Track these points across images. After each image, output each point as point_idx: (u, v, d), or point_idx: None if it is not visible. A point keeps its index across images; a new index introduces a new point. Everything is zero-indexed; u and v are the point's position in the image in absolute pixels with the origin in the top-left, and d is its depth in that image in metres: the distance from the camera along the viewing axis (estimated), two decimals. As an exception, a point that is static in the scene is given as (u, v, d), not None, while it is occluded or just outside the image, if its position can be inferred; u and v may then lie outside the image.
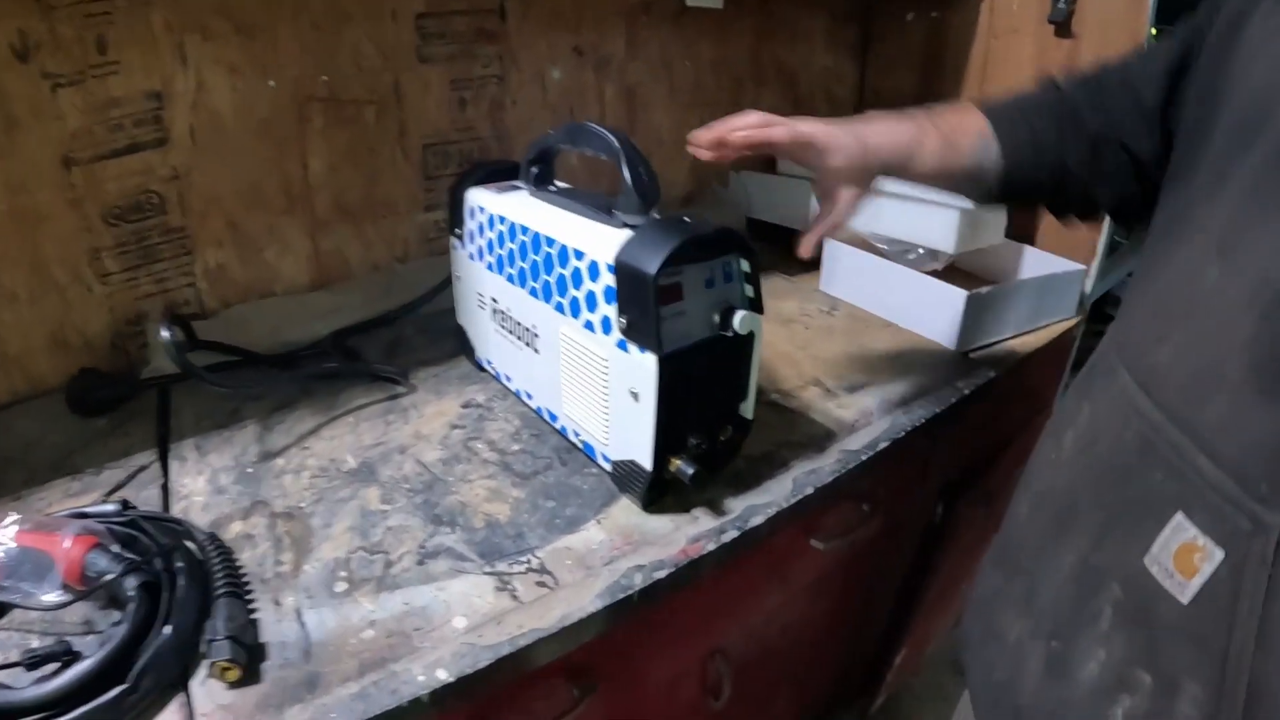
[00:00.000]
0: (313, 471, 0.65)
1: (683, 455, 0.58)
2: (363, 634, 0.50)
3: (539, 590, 0.54)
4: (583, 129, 0.62)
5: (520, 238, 0.66)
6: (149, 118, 0.73)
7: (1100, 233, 1.00)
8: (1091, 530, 0.41)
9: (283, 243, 0.83)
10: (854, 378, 0.82)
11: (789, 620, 0.86)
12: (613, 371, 0.58)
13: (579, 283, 0.60)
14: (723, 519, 0.61)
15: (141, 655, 0.47)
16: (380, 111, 0.84)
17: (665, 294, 0.54)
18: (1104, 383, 0.43)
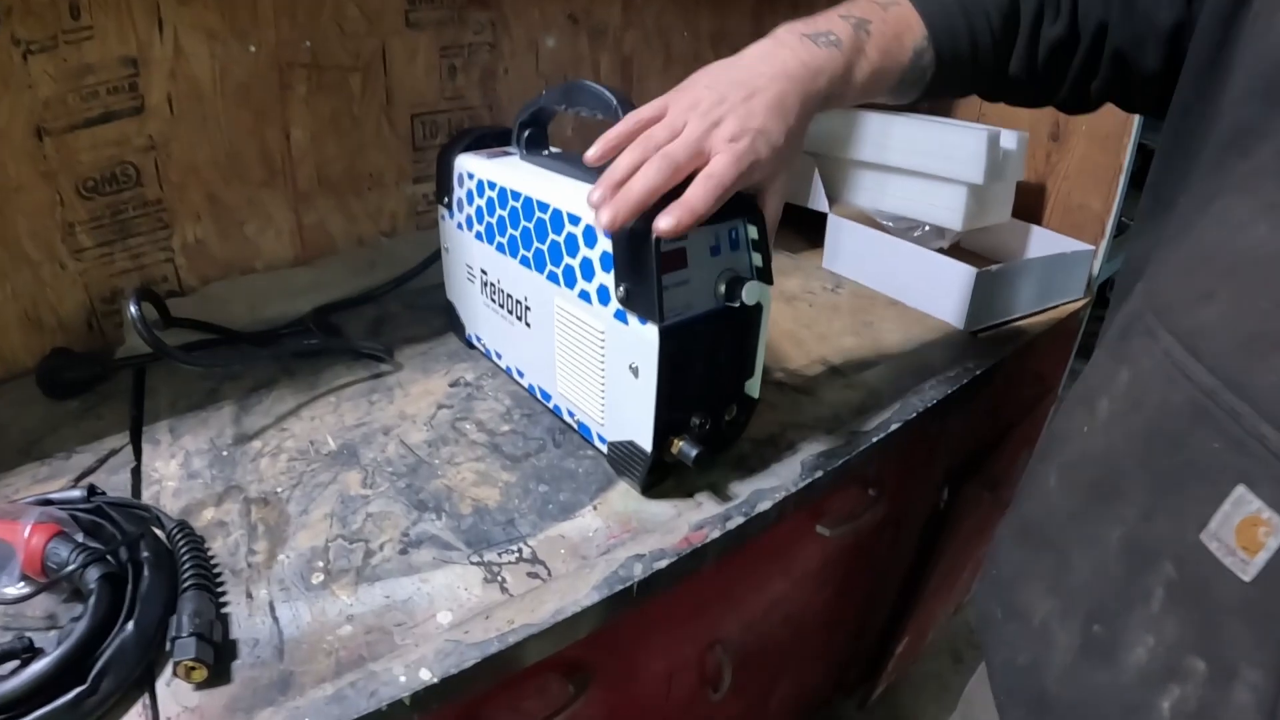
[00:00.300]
0: (291, 454, 0.60)
1: (685, 436, 0.53)
2: (340, 630, 0.46)
3: (530, 582, 0.49)
4: (579, 86, 0.57)
5: (510, 203, 0.60)
6: (124, 85, 0.68)
7: (1109, 213, 0.96)
8: (1139, 502, 0.37)
9: (264, 216, 0.78)
10: (861, 357, 0.77)
11: (790, 609, 0.82)
12: (610, 345, 0.53)
13: (573, 250, 0.54)
14: (728, 504, 0.56)
15: (102, 654, 0.42)
16: (366, 79, 0.78)
17: (668, 260, 0.48)
18: (1142, 344, 0.39)
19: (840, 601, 0.93)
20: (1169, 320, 0.38)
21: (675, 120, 0.49)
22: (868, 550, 0.88)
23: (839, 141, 0.96)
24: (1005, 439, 1.01)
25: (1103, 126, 0.94)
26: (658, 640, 0.64)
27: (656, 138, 0.48)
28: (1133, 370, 0.40)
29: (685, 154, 0.47)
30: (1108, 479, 0.40)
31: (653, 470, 0.55)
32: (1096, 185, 0.96)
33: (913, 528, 0.94)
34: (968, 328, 0.83)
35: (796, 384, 0.72)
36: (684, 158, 0.47)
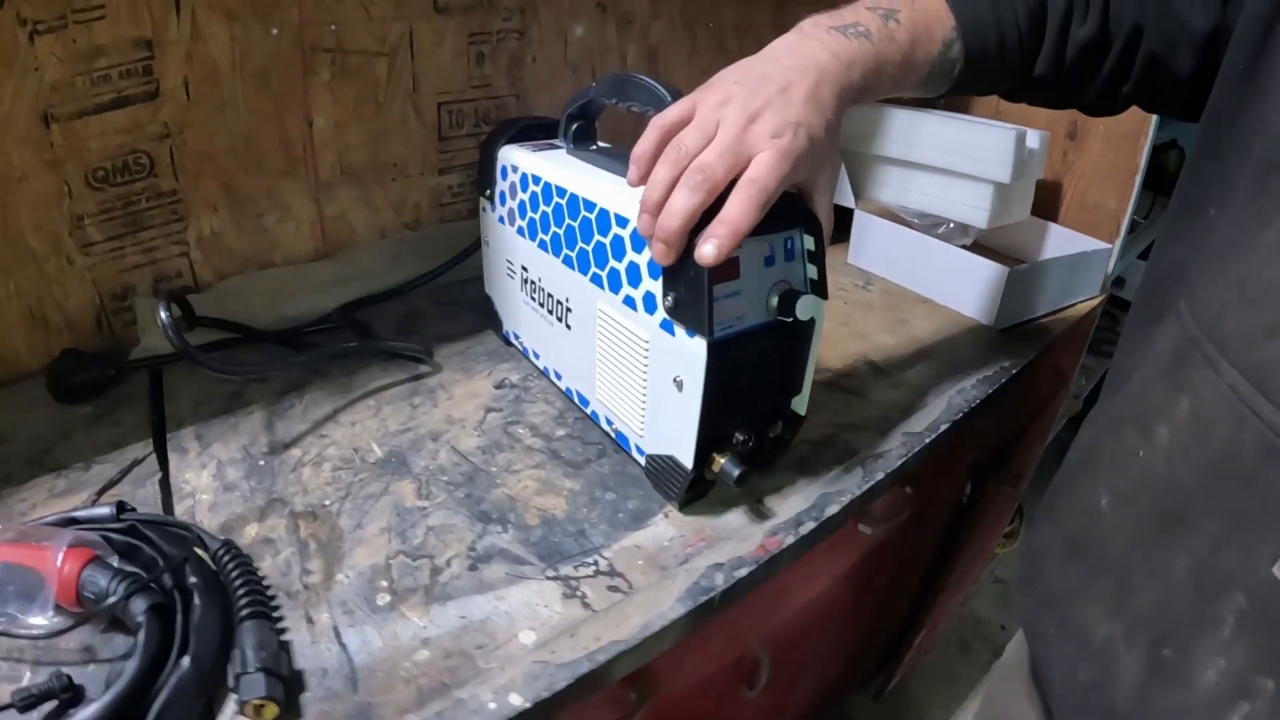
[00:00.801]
0: (334, 463, 0.55)
1: (728, 453, 0.50)
2: (416, 655, 0.42)
3: (611, 596, 0.46)
4: (629, 80, 0.53)
5: (555, 200, 0.56)
6: (138, 69, 0.62)
7: (1125, 212, 0.96)
8: (1208, 534, 0.37)
9: (283, 208, 0.72)
10: (901, 355, 0.75)
11: (822, 605, 0.80)
12: (654, 355, 0.50)
13: (620, 253, 0.51)
14: (797, 510, 0.54)
15: (157, 694, 0.38)
16: (392, 64, 0.73)
17: (719, 271, 0.45)
18: (1203, 375, 0.39)
19: (862, 595, 0.92)
20: (1232, 354, 0.37)
21: (706, 121, 0.45)
22: (895, 545, 0.87)
23: (865, 137, 0.94)
24: (1023, 433, 1.01)
25: (1120, 126, 0.93)
26: (713, 643, 0.62)
27: (688, 145, 0.45)
28: (1194, 402, 0.40)
29: (723, 165, 0.43)
30: (1173, 510, 0.40)
31: (691, 487, 0.51)
32: (1112, 184, 0.96)
33: (937, 522, 0.94)
34: (997, 325, 0.82)
35: (844, 384, 0.70)
36: (722, 170, 0.43)
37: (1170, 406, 0.41)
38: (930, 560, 0.99)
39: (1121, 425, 0.46)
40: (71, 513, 0.49)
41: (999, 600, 1.44)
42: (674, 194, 0.44)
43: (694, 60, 0.96)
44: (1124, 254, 0.99)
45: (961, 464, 0.88)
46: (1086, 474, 0.48)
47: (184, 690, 0.38)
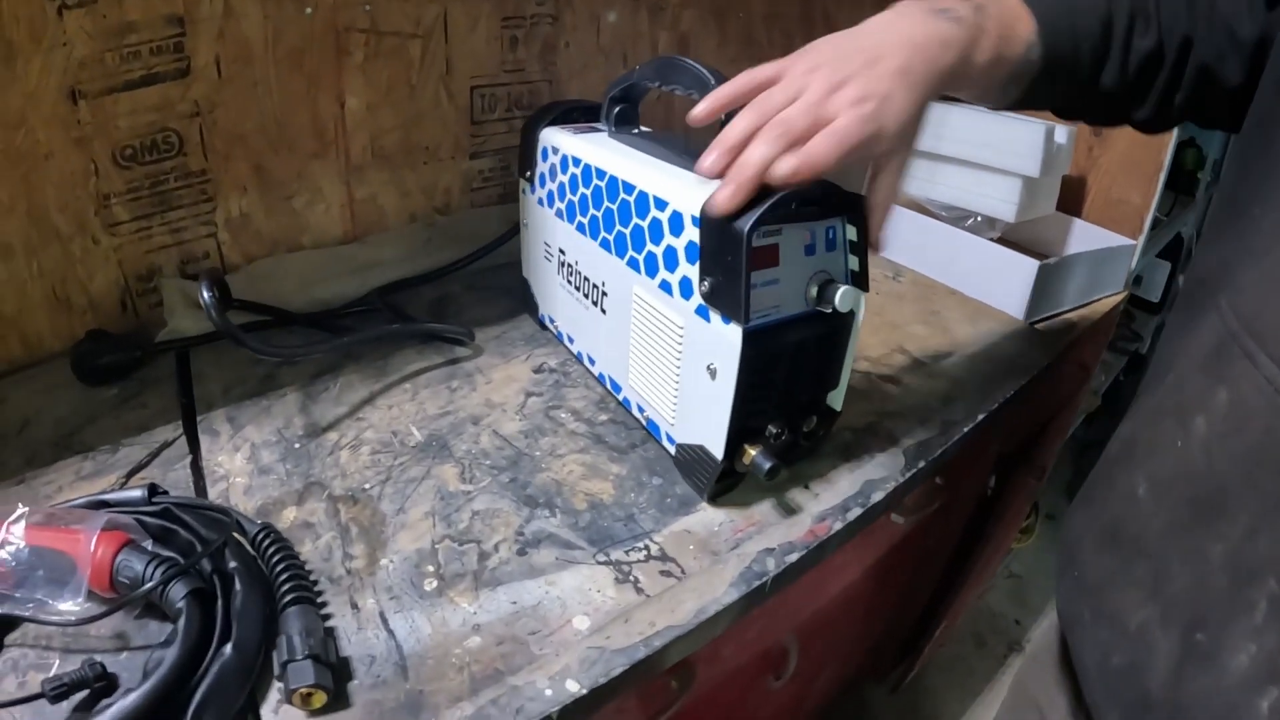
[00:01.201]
0: (373, 446, 0.53)
1: (759, 446, 0.48)
2: (467, 641, 0.40)
3: (665, 581, 0.44)
4: (673, 63, 0.51)
5: (595, 182, 0.55)
6: (168, 46, 0.60)
7: (1148, 208, 0.94)
8: (1243, 521, 0.37)
9: (313, 190, 0.70)
10: (936, 346, 0.74)
11: (849, 596, 0.79)
12: (688, 342, 0.48)
13: (658, 237, 0.49)
14: (844, 495, 0.52)
15: (201, 683, 0.36)
16: (426, 46, 0.71)
17: (759, 256, 0.43)
18: (1242, 368, 0.39)
19: (886, 586, 0.90)
20: (1271, 347, 0.37)
21: (793, 84, 0.44)
22: (920, 537, 0.85)
23: (891, 128, 0.92)
24: (1047, 427, 0.99)
25: None
26: (750, 632, 0.60)
27: (774, 100, 0.44)
28: (1233, 393, 0.40)
29: (804, 120, 0.42)
30: (1210, 498, 0.39)
31: (721, 479, 0.49)
32: (1136, 180, 0.94)
33: (961, 514, 0.92)
34: (1028, 319, 0.81)
35: (882, 372, 0.68)
36: (803, 124, 0.42)
37: (1209, 398, 0.41)
38: (952, 553, 0.98)
39: (1160, 417, 0.46)
40: (101, 495, 0.47)
41: (1013, 595, 1.42)
42: (753, 143, 0.43)
43: (723, 49, 0.94)
44: (1145, 252, 0.98)
45: (989, 456, 0.87)
46: (1125, 463, 0.48)
47: (227, 679, 0.36)
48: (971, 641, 1.31)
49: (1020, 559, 1.46)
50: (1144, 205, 0.93)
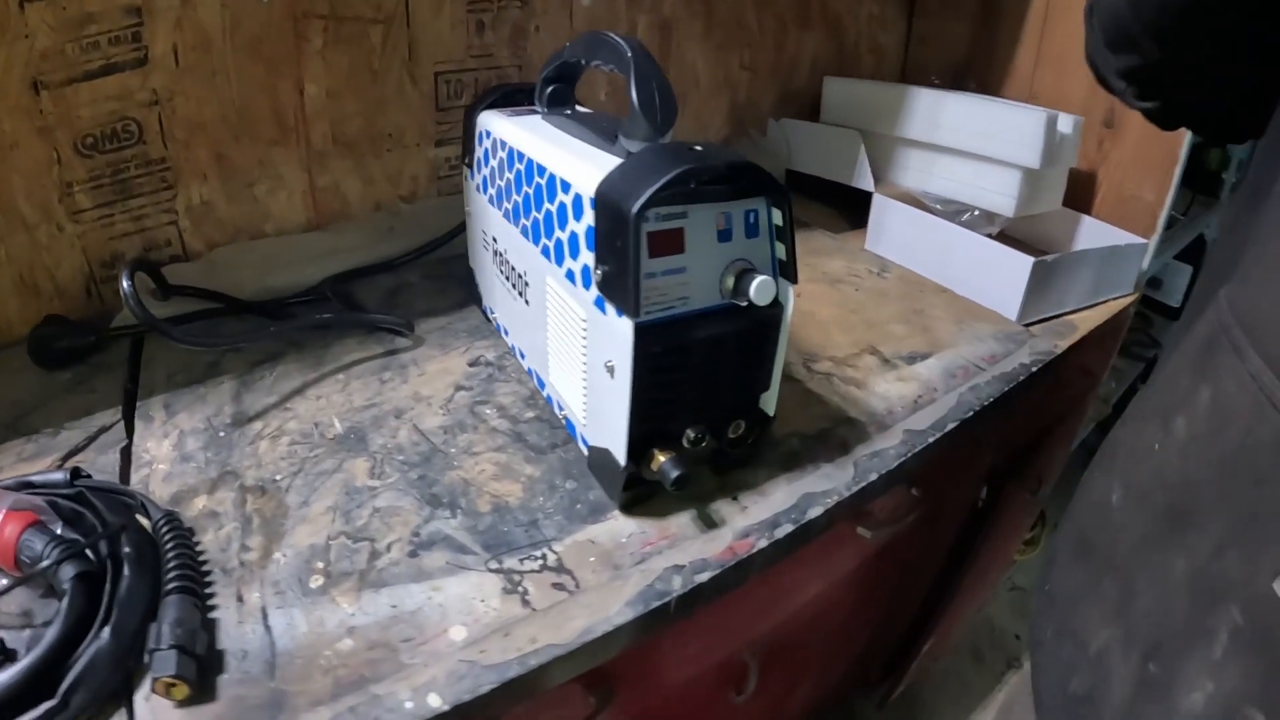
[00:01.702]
0: (293, 437, 0.52)
1: (670, 452, 0.43)
2: (339, 644, 0.38)
3: (555, 594, 0.41)
4: (597, 38, 0.47)
5: (517, 166, 0.51)
6: (127, 36, 0.59)
7: (1163, 206, 0.86)
8: (1212, 534, 0.33)
9: (274, 178, 0.69)
10: (913, 347, 0.68)
11: (819, 609, 0.74)
12: (591, 336, 0.44)
13: (564, 221, 0.45)
14: (775, 510, 0.48)
15: (74, 664, 0.35)
16: (387, 32, 0.69)
17: (657, 241, 0.39)
18: (1228, 363, 0.35)
19: (867, 599, 0.85)
20: (1259, 340, 0.33)
21: None
22: (901, 549, 0.80)
23: (887, 118, 0.86)
24: (1047, 436, 0.92)
25: None
26: (689, 648, 0.57)
27: None
28: (1215, 390, 0.36)
29: None
30: (1181, 505, 0.36)
31: (630, 486, 0.45)
32: (1150, 176, 0.86)
33: (949, 526, 0.86)
34: (1021, 320, 0.74)
35: (846, 375, 0.63)
36: None
37: (1192, 396, 0.37)
38: (942, 565, 0.92)
39: (1145, 418, 0.42)
40: (28, 477, 0.47)
41: (1016, 608, 1.34)
42: None
43: (710, 35, 0.90)
44: (1160, 252, 0.89)
45: (977, 466, 0.81)
46: (1104, 468, 0.44)
47: (100, 662, 0.36)
48: (969, 656, 1.24)
49: (1025, 571, 1.37)
50: (1158, 202, 0.85)
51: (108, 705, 0.35)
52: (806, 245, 0.88)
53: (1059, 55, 0.93)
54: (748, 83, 0.98)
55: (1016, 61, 0.96)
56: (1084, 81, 0.90)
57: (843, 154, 0.88)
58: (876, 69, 1.09)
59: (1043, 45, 0.94)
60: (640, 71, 0.41)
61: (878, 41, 1.08)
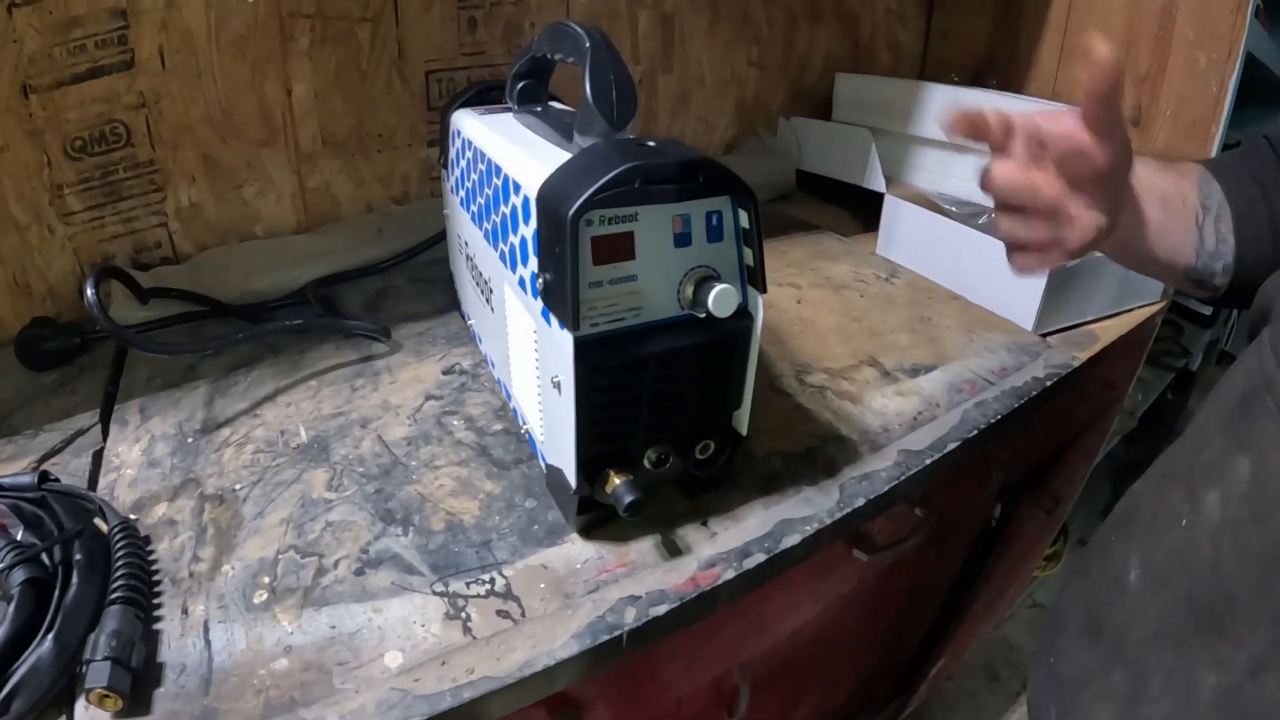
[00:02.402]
0: (258, 445, 0.51)
1: (626, 475, 0.40)
2: (275, 663, 0.36)
3: (499, 622, 0.39)
4: (558, 29, 0.44)
5: (479, 166, 0.48)
6: (113, 39, 0.59)
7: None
8: (1249, 649, 0.28)
9: (263, 179, 0.68)
10: (916, 358, 0.64)
11: (819, 630, 0.70)
12: (541, 349, 0.41)
13: (515, 225, 0.42)
14: (747, 537, 0.45)
15: (17, 670, 0.35)
16: (376, 30, 0.67)
17: (602, 247, 0.35)
18: (1269, 431, 0.30)
19: (871, 620, 0.81)
20: None
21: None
22: (909, 569, 0.76)
23: (901, 116, 0.82)
24: (1066, 452, 0.86)
25: (1189, 112, 0.78)
26: (666, 671, 0.54)
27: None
28: (1257, 464, 0.30)
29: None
30: (1211, 607, 0.31)
31: (585, 509, 0.42)
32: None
33: (960, 546, 0.81)
34: (1037, 330, 0.69)
35: (841, 388, 0.59)
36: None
37: (1228, 467, 0.32)
38: (955, 584, 0.87)
39: (1169, 481, 0.37)
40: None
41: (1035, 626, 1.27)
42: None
43: (715, 30, 0.86)
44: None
45: (988, 484, 0.76)
46: (1121, 535, 0.39)
47: (41, 669, 0.35)
48: (983, 675, 1.18)
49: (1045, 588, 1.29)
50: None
51: (49, 711, 0.35)
52: (814, 249, 0.84)
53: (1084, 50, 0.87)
54: (756, 80, 0.94)
55: (1039, 57, 0.91)
56: (1110, 78, 0.85)
57: (854, 153, 0.84)
58: (893, 67, 1.04)
59: (1067, 41, 0.88)
60: (596, 62, 0.38)
61: (895, 38, 1.03)
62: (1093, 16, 0.87)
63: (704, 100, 0.91)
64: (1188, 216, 0.42)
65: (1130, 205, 0.41)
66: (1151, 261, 0.44)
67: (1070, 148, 0.37)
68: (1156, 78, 0.82)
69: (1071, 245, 0.39)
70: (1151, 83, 0.82)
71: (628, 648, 0.39)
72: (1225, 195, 0.43)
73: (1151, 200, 0.42)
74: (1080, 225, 0.38)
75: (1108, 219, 0.39)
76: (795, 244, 0.84)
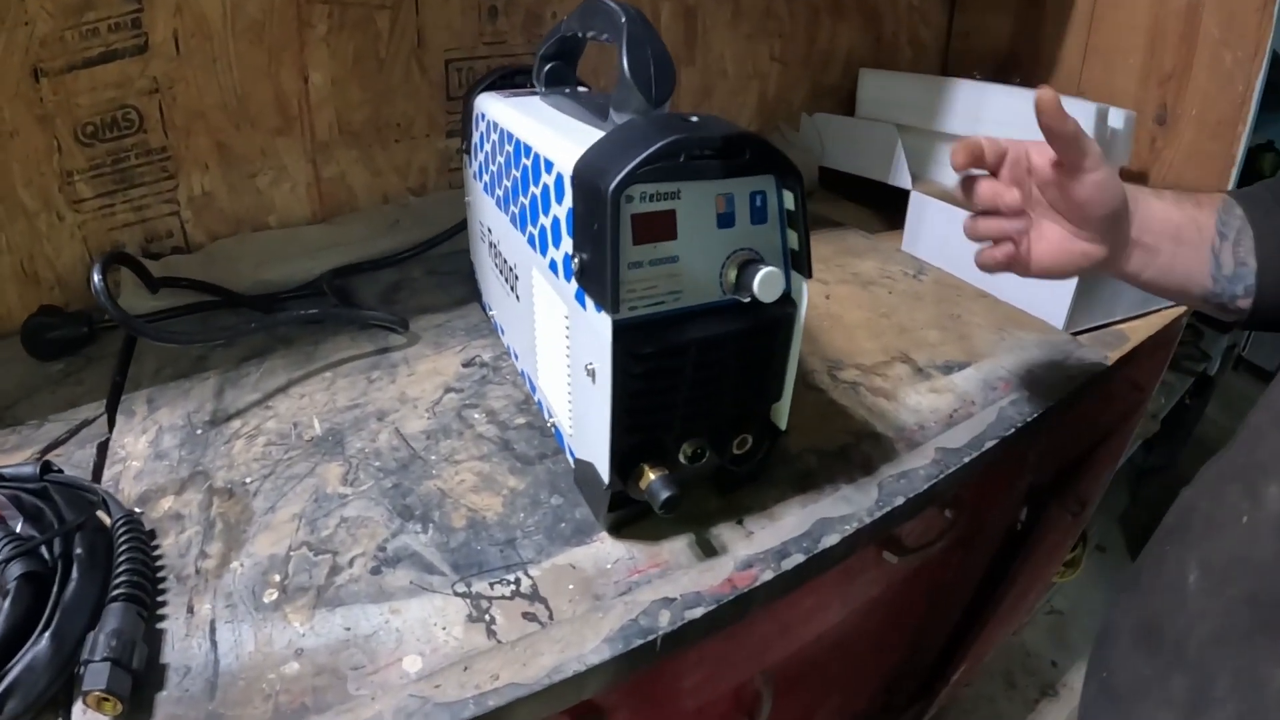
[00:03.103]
0: (270, 438, 0.48)
1: (661, 469, 0.37)
2: (285, 667, 0.34)
3: (525, 625, 0.36)
4: (592, 5, 0.41)
5: (506, 148, 0.46)
6: (126, 22, 0.57)
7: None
8: None
9: (278, 168, 0.66)
10: (949, 356, 0.61)
11: (841, 634, 0.67)
12: (573, 335, 0.38)
13: (547, 206, 0.39)
14: (785, 537, 0.42)
15: (11, 669, 0.32)
16: (395, 17, 0.65)
17: (643, 225, 0.33)
18: None
19: (895, 623, 0.77)
20: None
21: None
22: (933, 573, 0.72)
23: (926, 112, 0.79)
24: (1093, 454, 0.83)
25: (1214, 111, 0.75)
26: (690, 678, 0.51)
27: None
28: None
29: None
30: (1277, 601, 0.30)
31: (617, 506, 0.39)
32: (1206, 176, 0.77)
33: (986, 548, 0.78)
34: (1068, 328, 0.66)
35: (874, 384, 0.56)
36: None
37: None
38: (977, 589, 0.83)
39: (1224, 483, 0.37)
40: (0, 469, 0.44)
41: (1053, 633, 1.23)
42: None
43: (738, 24, 0.84)
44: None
45: (1016, 486, 0.72)
46: (1178, 541, 0.38)
47: (37, 668, 0.33)
48: (1001, 681, 1.14)
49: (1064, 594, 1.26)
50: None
51: (45, 714, 0.32)
52: (839, 245, 0.81)
53: (1108, 47, 0.85)
54: (778, 75, 0.92)
55: (1063, 55, 0.88)
56: (1134, 75, 0.82)
57: (879, 150, 0.81)
58: (915, 63, 1.02)
59: (1091, 37, 0.86)
60: (633, 35, 0.35)
61: (917, 34, 1.00)
62: (1117, 14, 0.85)
63: (726, 94, 0.88)
64: (1203, 245, 0.44)
65: (1134, 240, 0.44)
66: (1165, 289, 0.46)
67: (1045, 178, 0.43)
68: (1182, 76, 0.80)
69: (1037, 259, 0.45)
70: (1177, 81, 0.80)
71: (661, 651, 0.36)
72: (1247, 218, 0.43)
73: (1163, 234, 0.44)
74: (1048, 241, 0.45)
75: (1104, 250, 0.43)
76: (821, 240, 0.81)
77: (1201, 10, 0.77)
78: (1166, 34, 0.80)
